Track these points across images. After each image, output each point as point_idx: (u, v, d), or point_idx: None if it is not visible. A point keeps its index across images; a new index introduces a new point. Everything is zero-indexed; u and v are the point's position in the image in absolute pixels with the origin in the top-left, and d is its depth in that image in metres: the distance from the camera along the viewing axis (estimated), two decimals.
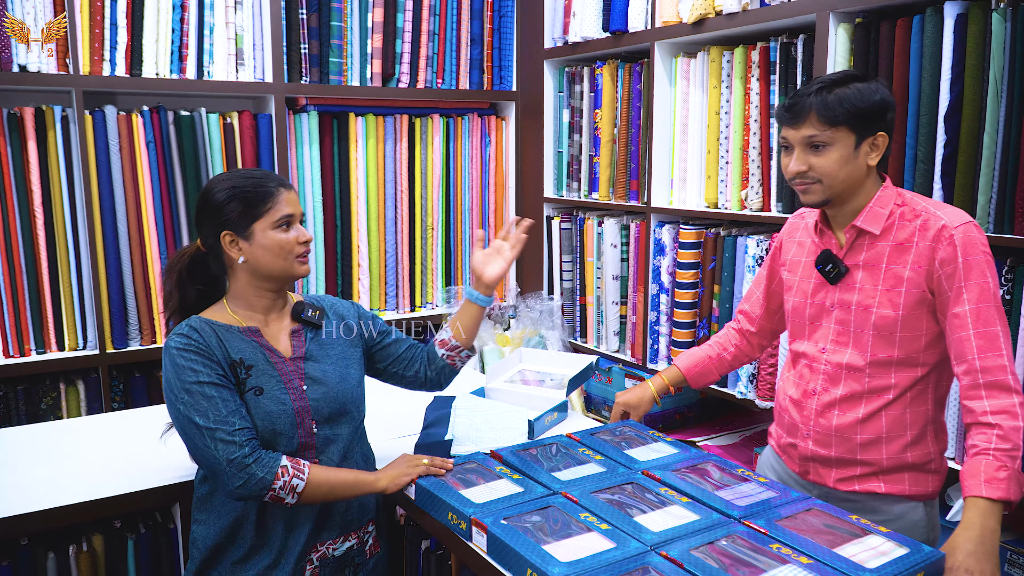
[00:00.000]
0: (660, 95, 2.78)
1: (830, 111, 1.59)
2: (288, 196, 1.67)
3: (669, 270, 2.81)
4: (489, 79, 3.44)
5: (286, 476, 1.54)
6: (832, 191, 1.64)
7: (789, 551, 1.38)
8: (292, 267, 1.67)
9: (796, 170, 1.64)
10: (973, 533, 1.42)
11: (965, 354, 1.55)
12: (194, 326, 1.62)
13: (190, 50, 2.86)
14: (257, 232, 1.64)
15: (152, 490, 1.81)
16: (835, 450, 1.73)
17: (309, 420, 1.67)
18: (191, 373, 1.56)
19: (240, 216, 1.63)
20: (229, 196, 1.64)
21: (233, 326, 1.66)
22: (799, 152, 1.64)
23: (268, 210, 1.64)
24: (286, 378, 1.66)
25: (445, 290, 3.46)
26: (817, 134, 1.61)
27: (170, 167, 2.86)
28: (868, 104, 1.60)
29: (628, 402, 2.03)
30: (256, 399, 1.61)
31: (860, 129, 1.61)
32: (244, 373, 1.62)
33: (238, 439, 1.54)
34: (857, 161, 1.63)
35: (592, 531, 1.46)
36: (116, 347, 2.84)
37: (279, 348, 1.69)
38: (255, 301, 1.70)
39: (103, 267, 2.79)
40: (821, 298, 1.74)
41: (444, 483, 1.66)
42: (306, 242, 1.68)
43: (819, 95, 1.60)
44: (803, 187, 1.66)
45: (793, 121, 1.63)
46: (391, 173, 3.29)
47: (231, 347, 1.63)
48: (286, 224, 1.65)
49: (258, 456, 1.54)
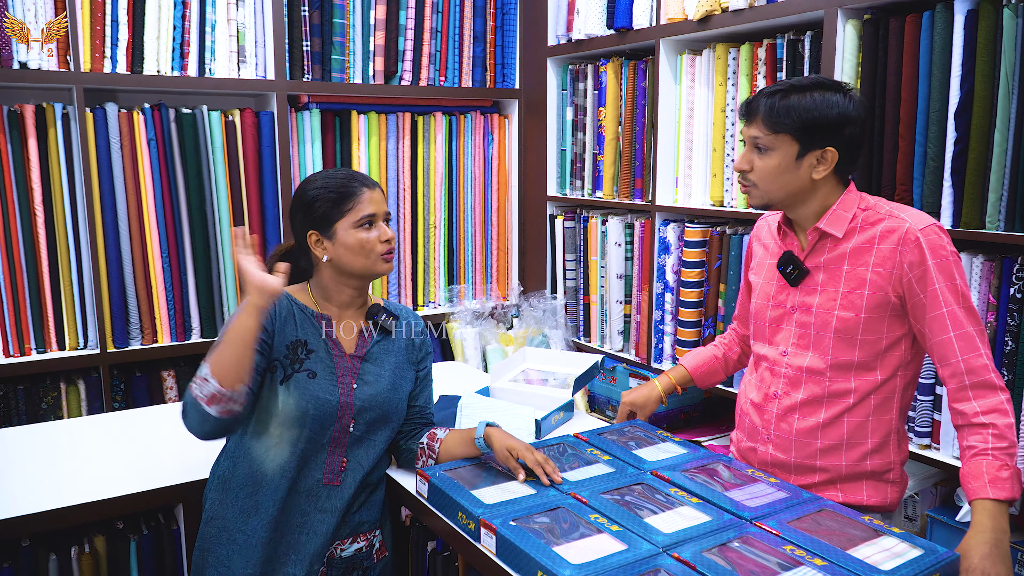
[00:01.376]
0: (665, 93, 2.76)
1: (775, 117, 1.58)
2: (371, 196, 1.72)
3: (674, 269, 2.79)
4: (492, 77, 3.42)
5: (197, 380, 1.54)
6: (768, 197, 1.64)
7: (803, 553, 1.37)
8: (374, 265, 1.73)
9: (738, 167, 1.66)
10: (986, 535, 1.41)
11: (948, 357, 1.54)
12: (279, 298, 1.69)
13: (192, 47, 2.84)
14: (340, 231, 1.70)
15: (155, 491, 1.80)
16: (795, 455, 1.71)
17: (349, 418, 1.71)
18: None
19: (324, 216, 1.71)
20: (314, 197, 1.72)
21: (310, 309, 1.75)
22: (746, 151, 1.66)
23: (350, 210, 1.70)
24: (340, 372, 1.72)
25: (447, 289, 3.44)
26: (760, 137, 1.61)
27: (171, 165, 2.84)
28: (819, 117, 1.57)
29: (635, 402, 2.02)
30: (308, 381, 1.67)
31: (805, 140, 1.58)
32: (304, 354, 1.69)
33: None
34: (798, 172, 1.61)
35: (602, 532, 1.45)
36: (117, 346, 2.82)
37: (343, 342, 1.75)
38: (335, 295, 1.77)
39: (104, 266, 2.77)
40: (782, 300, 1.73)
41: (456, 482, 1.65)
42: (388, 240, 1.72)
43: (771, 98, 1.60)
44: (744, 188, 1.68)
45: (745, 118, 1.65)
46: (393, 171, 3.27)
47: (301, 327, 1.72)
48: (368, 223, 1.70)
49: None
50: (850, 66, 2.19)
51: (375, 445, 1.76)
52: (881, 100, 2.12)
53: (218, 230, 2.93)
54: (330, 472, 1.70)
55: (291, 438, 1.67)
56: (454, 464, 1.74)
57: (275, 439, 1.67)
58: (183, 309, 2.91)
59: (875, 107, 2.14)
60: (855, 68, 2.19)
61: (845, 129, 1.58)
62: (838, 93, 1.59)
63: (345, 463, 1.72)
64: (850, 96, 1.59)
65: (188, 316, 2.92)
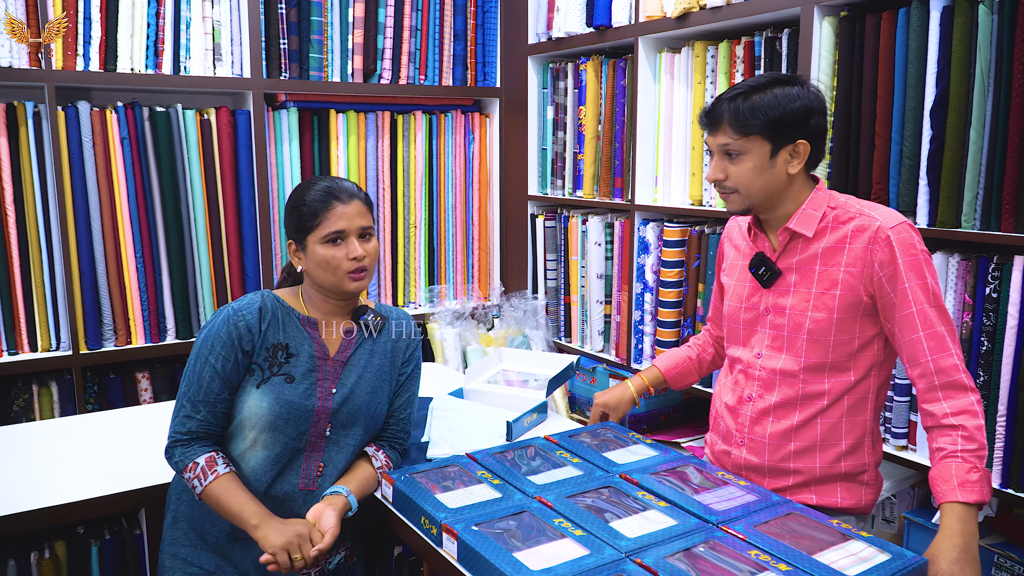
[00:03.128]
0: (644, 91, 2.74)
1: (742, 120, 1.56)
2: (344, 211, 1.66)
3: (653, 268, 2.77)
4: (473, 75, 3.39)
5: (190, 473, 1.60)
6: (750, 200, 1.62)
7: (768, 558, 1.34)
8: (341, 283, 1.67)
9: (713, 178, 1.63)
10: (955, 540, 1.38)
11: (918, 356, 1.52)
12: (258, 305, 1.67)
13: (166, 45, 2.80)
14: (309, 245, 1.68)
15: (117, 495, 1.77)
16: (768, 458, 1.69)
17: (325, 422, 1.68)
18: (210, 347, 1.62)
19: (298, 227, 1.69)
20: (293, 206, 1.71)
21: (296, 311, 1.72)
22: (716, 159, 1.62)
23: (318, 225, 1.66)
24: (321, 375, 1.69)
25: (428, 289, 3.41)
26: (730, 142, 1.58)
27: (145, 164, 2.80)
28: (784, 112, 1.55)
29: (607, 403, 1.99)
30: (283, 385, 1.65)
31: (776, 138, 1.57)
32: (284, 358, 1.66)
33: (188, 426, 1.61)
34: (774, 170, 1.59)
35: (566, 537, 1.42)
36: (90, 347, 2.79)
37: (329, 346, 1.72)
38: (321, 304, 1.74)
39: (76, 266, 2.73)
40: (755, 302, 1.71)
41: (421, 486, 1.62)
42: (356, 258, 1.66)
43: (733, 102, 1.57)
44: (723, 195, 1.65)
45: (709, 128, 1.61)
46: (373, 171, 3.24)
47: (284, 331, 1.69)
48: (336, 239, 1.65)
49: (186, 445, 1.61)
50: (827, 63, 2.17)
51: (350, 448, 1.72)
52: (857, 98, 2.10)
53: (193, 230, 2.90)
54: (306, 477, 1.67)
55: (266, 441, 1.64)
56: (421, 467, 1.72)
57: (249, 442, 1.64)
58: (158, 310, 2.88)
59: (851, 105, 2.11)
60: (832, 66, 2.16)
61: (811, 120, 1.58)
62: (796, 86, 1.57)
63: (322, 468, 1.68)
64: (808, 87, 1.59)
65: (163, 317, 2.89)
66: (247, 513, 1.56)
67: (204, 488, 1.57)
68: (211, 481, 1.57)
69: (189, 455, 1.60)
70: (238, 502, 1.57)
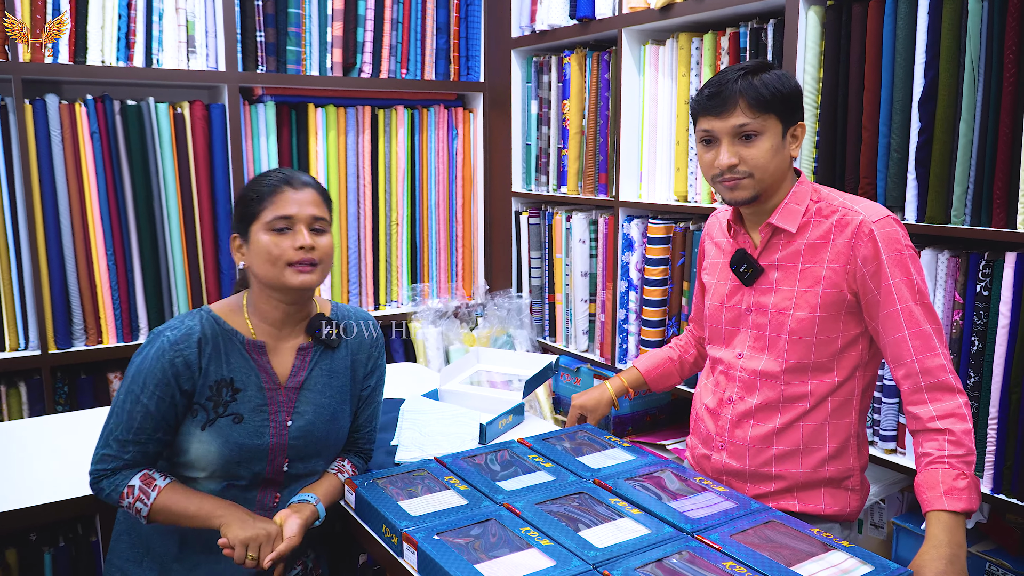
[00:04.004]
0: (628, 84, 2.67)
1: (760, 96, 1.47)
2: (294, 196, 1.49)
3: (638, 266, 2.70)
4: (456, 70, 3.32)
5: (130, 498, 1.46)
6: (762, 185, 1.53)
7: (743, 570, 1.27)
8: (281, 275, 1.48)
9: (728, 163, 1.50)
10: (942, 551, 1.31)
11: (903, 356, 1.45)
12: (197, 337, 1.49)
13: (138, 37, 2.73)
14: (252, 234, 1.50)
15: (71, 500, 1.69)
16: (749, 463, 1.61)
17: (282, 458, 1.55)
18: (142, 383, 1.46)
19: (242, 216, 1.52)
20: (241, 195, 1.54)
21: (240, 335, 1.53)
22: (727, 144, 1.50)
23: (262, 210, 1.49)
24: (273, 409, 1.53)
25: (410, 288, 3.34)
26: (749, 122, 1.48)
27: (116, 159, 2.73)
28: (790, 90, 1.51)
29: (584, 405, 1.92)
30: (231, 427, 1.49)
31: (785, 117, 1.51)
32: (229, 395, 1.50)
33: (113, 464, 1.46)
34: (784, 153, 1.53)
35: (532, 547, 1.35)
36: (60, 347, 2.71)
37: (278, 371, 1.56)
38: (269, 312, 1.55)
39: (45, 263, 2.66)
40: (737, 301, 1.64)
41: (384, 493, 1.55)
42: (304, 248, 1.47)
43: (744, 80, 1.48)
44: (732, 183, 1.52)
45: (719, 110, 1.49)
46: (353, 167, 3.17)
47: (227, 362, 1.51)
48: (282, 227, 1.48)
49: (112, 477, 1.46)
50: (813, 54, 2.10)
51: (310, 479, 1.61)
52: (844, 90, 2.03)
53: (166, 227, 2.82)
54: (260, 509, 1.55)
55: (217, 478, 1.52)
56: (387, 472, 1.64)
57: (203, 479, 1.52)
58: (130, 309, 2.80)
59: (838, 97, 2.05)
60: (818, 56, 2.10)
61: (801, 101, 1.54)
62: (777, 69, 1.52)
63: (279, 498, 1.57)
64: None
65: (135, 316, 2.81)
66: (207, 509, 1.44)
67: (151, 507, 1.44)
68: (156, 497, 1.44)
69: (119, 482, 1.46)
70: (195, 503, 1.45)
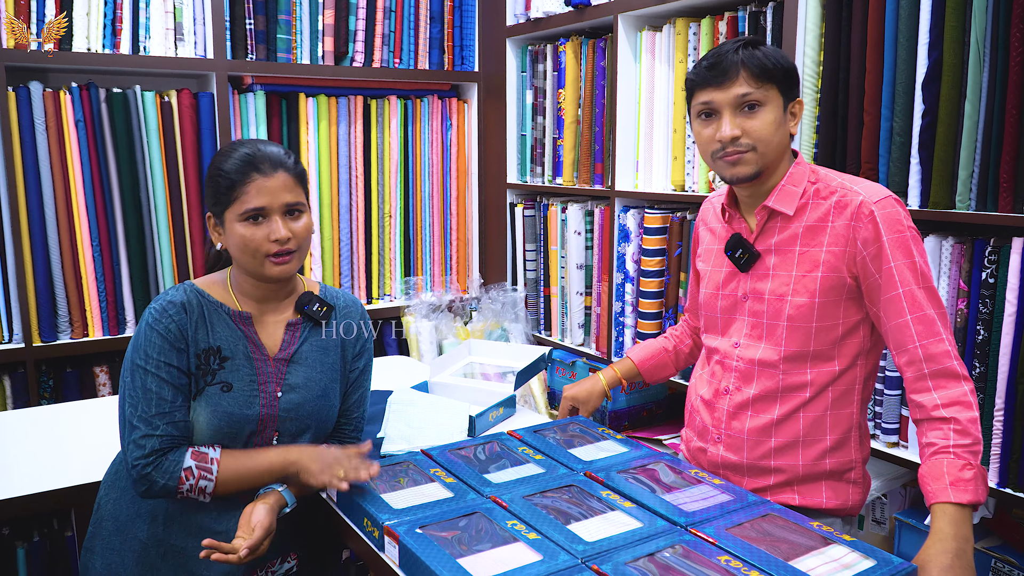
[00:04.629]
0: (624, 72, 2.61)
1: (763, 66, 1.42)
2: (265, 184, 1.44)
3: (634, 258, 2.64)
4: (450, 59, 3.27)
5: (191, 479, 1.41)
6: (765, 160, 1.47)
7: (739, 564, 1.21)
8: (260, 267, 1.47)
9: (731, 135, 1.44)
10: (947, 544, 1.25)
11: (905, 342, 1.39)
12: (181, 301, 1.47)
13: (124, 23, 2.67)
14: (227, 221, 1.47)
15: (45, 493, 1.63)
16: (747, 456, 1.56)
17: (271, 431, 1.51)
18: (144, 357, 1.43)
19: (215, 199, 1.48)
20: (209, 175, 1.49)
21: (225, 306, 1.51)
22: (729, 116, 1.45)
23: (235, 199, 1.45)
24: (262, 379, 1.50)
25: (404, 281, 3.28)
26: (752, 91, 1.43)
27: (102, 148, 2.67)
28: (790, 64, 1.46)
29: (576, 396, 1.86)
30: (220, 395, 1.46)
31: (786, 90, 1.46)
32: (217, 364, 1.47)
33: (151, 445, 1.40)
34: (785, 128, 1.47)
35: (518, 541, 1.29)
36: (44, 340, 2.66)
37: (267, 343, 1.53)
38: (251, 289, 1.54)
39: (29, 255, 2.60)
40: (733, 288, 1.58)
41: (367, 485, 1.49)
42: (279, 240, 1.45)
43: (745, 50, 1.43)
44: (735, 157, 1.46)
45: (720, 80, 1.44)
46: (345, 157, 3.11)
47: (213, 331, 1.49)
48: (255, 217, 1.45)
49: (159, 463, 1.40)
50: (813, 37, 2.04)
51: None
52: (845, 72, 1.97)
53: (154, 218, 2.77)
54: None
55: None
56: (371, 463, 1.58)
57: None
58: (116, 301, 2.75)
59: (839, 80, 1.99)
60: (818, 39, 2.04)
61: (799, 80, 1.48)
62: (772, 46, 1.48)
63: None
64: None
65: (122, 309, 2.76)
66: (276, 460, 1.45)
67: (217, 480, 1.42)
68: (218, 470, 1.42)
69: (172, 469, 1.40)
70: (259, 459, 1.45)
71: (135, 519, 1.50)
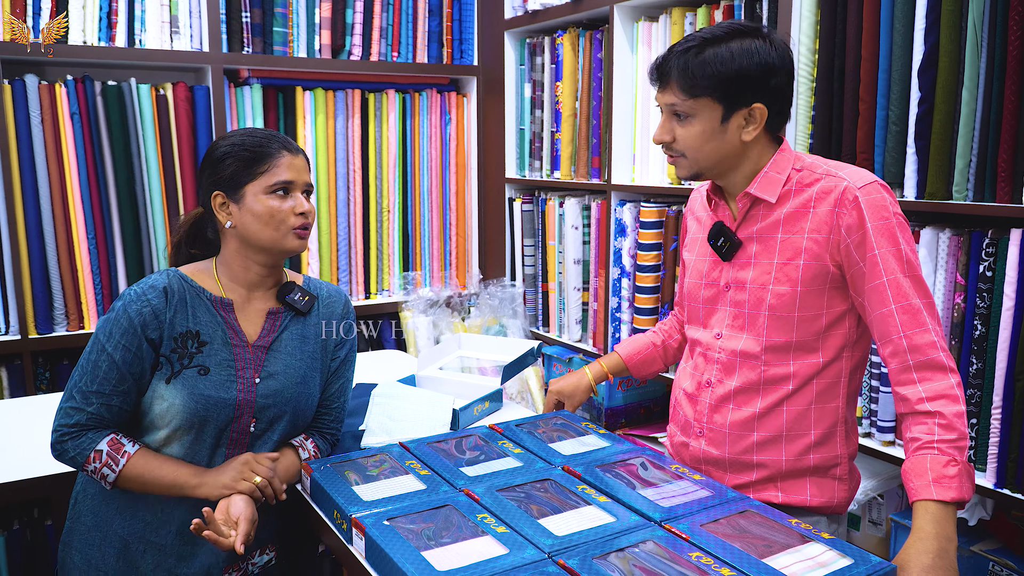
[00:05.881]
0: (621, 63, 2.57)
1: (690, 79, 1.38)
2: (292, 161, 1.52)
3: (631, 252, 2.60)
4: (449, 53, 3.24)
5: (97, 462, 1.43)
6: (699, 166, 1.44)
7: (710, 561, 1.18)
8: (284, 239, 1.51)
9: (659, 139, 1.45)
10: (928, 544, 1.20)
11: (889, 333, 1.34)
12: (163, 286, 1.48)
13: (120, 16, 2.67)
14: (248, 195, 1.50)
15: (22, 482, 1.62)
16: (729, 450, 1.51)
17: (248, 417, 1.51)
18: (108, 333, 1.44)
19: (232, 176, 1.51)
20: (224, 153, 1.51)
21: (207, 292, 1.53)
22: (664, 120, 1.45)
23: (263, 172, 1.50)
24: (240, 365, 1.50)
25: (402, 276, 3.26)
26: (678, 103, 1.40)
27: (97, 141, 2.67)
28: (739, 70, 1.37)
29: (562, 390, 1.83)
30: (197, 378, 1.47)
31: (728, 101, 1.39)
32: (195, 347, 1.48)
33: (76, 418, 1.42)
34: (726, 136, 1.41)
35: (486, 535, 1.26)
36: (40, 332, 2.66)
37: (247, 329, 1.54)
38: (241, 273, 1.56)
39: (25, 247, 2.61)
40: (715, 277, 1.53)
41: (340, 476, 1.47)
42: (303, 213, 1.52)
43: (683, 57, 1.39)
44: (671, 159, 1.48)
45: (658, 84, 1.44)
46: (342, 152, 3.09)
47: (192, 316, 1.50)
48: (282, 191, 1.50)
49: (77, 436, 1.42)
50: (808, 24, 1.99)
51: (273, 443, 1.55)
52: (841, 60, 1.92)
53: (149, 211, 2.76)
54: None
55: (181, 438, 1.47)
56: (346, 456, 1.56)
57: (161, 439, 1.47)
58: (112, 294, 2.74)
59: (834, 68, 1.94)
60: (814, 27, 1.99)
61: (770, 80, 1.38)
62: (757, 39, 1.38)
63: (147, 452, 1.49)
64: (771, 41, 1.39)
65: None
66: (183, 476, 1.44)
67: (119, 474, 1.41)
68: (125, 463, 1.41)
69: (85, 445, 1.42)
70: (170, 469, 1.44)
71: (114, 515, 1.48)
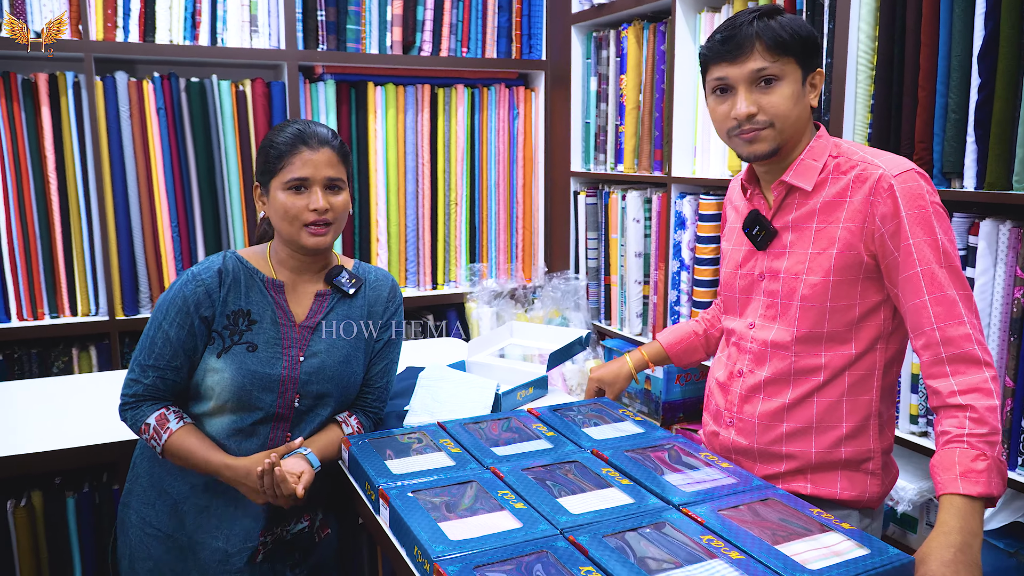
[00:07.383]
0: (683, 55, 2.55)
1: (778, 38, 1.36)
2: (311, 157, 1.55)
3: (690, 245, 2.58)
4: (518, 48, 3.28)
5: (146, 435, 1.55)
6: (783, 136, 1.41)
7: (720, 544, 1.17)
8: (297, 235, 1.57)
9: (746, 112, 1.38)
10: (951, 538, 1.17)
11: (922, 325, 1.30)
12: (218, 267, 1.58)
13: (203, 16, 2.83)
14: (272, 189, 1.58)
15: (91, 447, 1.75)
16: (758, 440, 1.49)
17: (292, 392, 1.59)
18: (164, 311, 1.55)
19: (263, 169, 1.60)
20: (262, 147, 1.61)
21: (260, 273, 1.61)
22: (744, 92, 1.39)
23: (281, 168, 1.56)
24: (286, 343, 1.59)
25: (469, 267, 3.33)
26: (767, 66, 1.37)
27: (181, 134, 2.84)
28: (809, 32, 1.38)
29: (603, 378, 1.84)
30: (245, 354, 1.55)
31: (805, 62, 1.39)
32: (245, 325, 1.57)
33: (135, 389, 1.55)
34: (804, 101, 1.41)
35: (503, 510, 1.29)
36: (127, 314, 2.84)
37: (295, 310, 1.63)
38: (287, 258, 1.64)
39: (113, 234, 2.80)
40: (751, 267, 1.51)
41: (374, 451, 1.53)
42: (318, 210, 1.55)
43: (761, 21, 1.37)
44: (751, 134, 1.40)
45: (734, 55, 1.38)
46: (412, 145, 3.18)
47: (246, 295, 1.59)
48: (298, 187, 1.55)
49: (134, 406, 1.55)
50: (868, 11, 1.94)
51: (322, 420, 1.64)
52: (900, 46, 1.87)
53: (228, 200, 2.91)
54: (272, 446, 1.58)
55: (230, 410, 1.57)
56: (383, 433, 1.62)
57: (211, 408, 1.57)
58: None
59: (894, 55, 1.88)
60: (873, 13, 1.93)
61: (820, 49, 1.41)
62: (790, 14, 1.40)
63: (289, 437, 1.60)
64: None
65: None
66: (215, 462, 1.52)
67: (162, 447, 1.53)
68: (166, 439, 1.52)
69: (139, 417, 1.55)
70: (202, 453, 1.52)
71: (166, 476, 1.60)
